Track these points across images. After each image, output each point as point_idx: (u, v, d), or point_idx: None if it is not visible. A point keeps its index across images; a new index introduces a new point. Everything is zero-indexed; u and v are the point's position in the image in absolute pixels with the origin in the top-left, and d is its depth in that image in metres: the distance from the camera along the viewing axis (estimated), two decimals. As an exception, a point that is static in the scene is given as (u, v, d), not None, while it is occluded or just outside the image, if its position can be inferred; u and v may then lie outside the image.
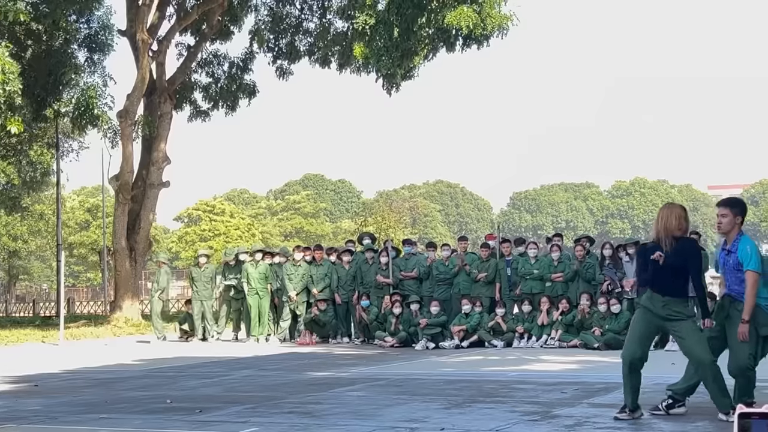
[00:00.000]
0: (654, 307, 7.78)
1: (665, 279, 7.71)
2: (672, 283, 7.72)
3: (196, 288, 20.54)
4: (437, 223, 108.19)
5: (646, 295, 7.91)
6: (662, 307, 7.74)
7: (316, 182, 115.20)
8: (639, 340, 7.84)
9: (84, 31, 29.33)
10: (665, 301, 7.73)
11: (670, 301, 7.72)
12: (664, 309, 7.74)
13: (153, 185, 28.45)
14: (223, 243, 66.47)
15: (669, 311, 7.74)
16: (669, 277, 7.70)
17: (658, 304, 7.76)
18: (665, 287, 7.72)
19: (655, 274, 7.73)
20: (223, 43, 31.70)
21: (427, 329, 16.79)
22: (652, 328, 8.01)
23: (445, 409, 8.54)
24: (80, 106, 26.20)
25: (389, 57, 24.07)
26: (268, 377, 12.10)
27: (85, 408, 9.17)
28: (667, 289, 7.72)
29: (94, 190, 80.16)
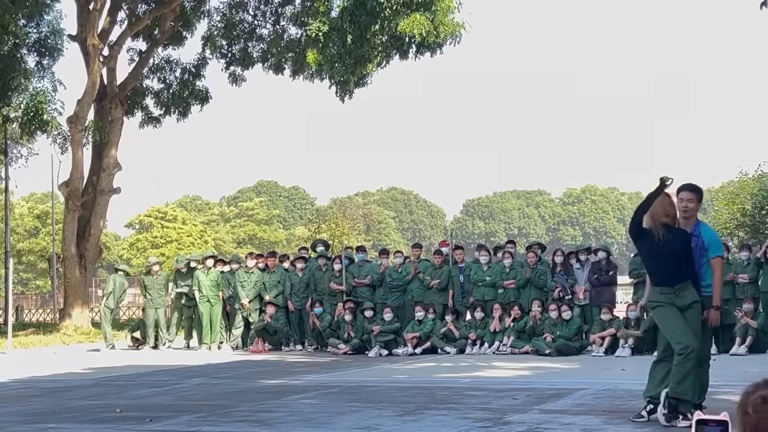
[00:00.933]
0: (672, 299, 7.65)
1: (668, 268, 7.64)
2: (676, 270, 7.64)
3: (149, 296, 20.35)
4: (391, 230, 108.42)
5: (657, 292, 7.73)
6: (678, 297, 7.65)
7: (269, 189, 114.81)
8: (692, 332, 7.58)
9: (34, 35, 29.01)
10: (676, 290, 7.65)
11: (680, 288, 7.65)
12: (680, 299, 7.64)
13: (103, 192, 28.16)
14: (175, 250, 65.91)
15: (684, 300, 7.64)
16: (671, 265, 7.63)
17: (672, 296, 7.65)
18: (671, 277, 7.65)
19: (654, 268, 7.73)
20: (176, 49, 31.55)
21: (381, 336, 16.80)
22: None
23: (398, 416, 8.54)
24: (29, 112, 25.89)
25: (342, 64, 24.13)
26: (219, 385, 12.02)
27: (33, 417, 9.04)
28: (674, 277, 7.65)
29: (44, 197, 79.07)
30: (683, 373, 7.44)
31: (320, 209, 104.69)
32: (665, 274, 7.67)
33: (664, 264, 7.65)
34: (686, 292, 7.63)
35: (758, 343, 15.07)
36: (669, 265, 7.64)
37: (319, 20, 24.09)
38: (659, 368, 7.89)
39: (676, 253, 7.62)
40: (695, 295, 7.64)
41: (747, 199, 39.43)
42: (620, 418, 7.99)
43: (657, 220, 7.68)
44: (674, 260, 7.63)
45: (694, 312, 7.63)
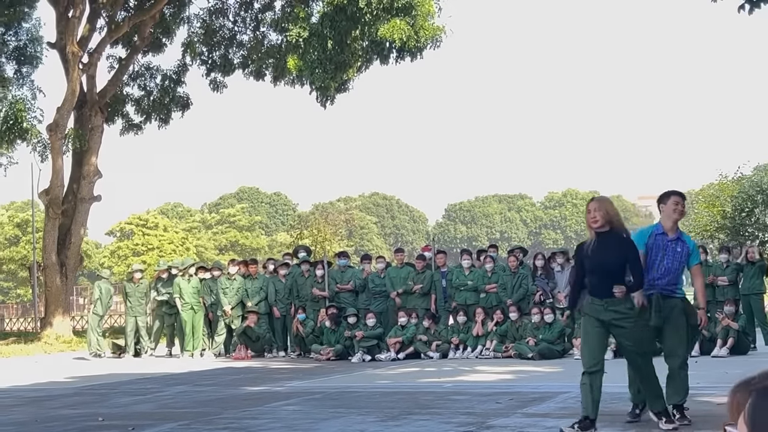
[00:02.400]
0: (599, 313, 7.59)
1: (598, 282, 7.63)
2: (605, 283, 7.57)
3: (130, 303, 20.27)
4: (373, 235, 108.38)
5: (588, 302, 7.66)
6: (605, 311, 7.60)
7: (251, 195, 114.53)
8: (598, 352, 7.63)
9: (12, 43, 28.88)
10: (605, 303, 7.57)
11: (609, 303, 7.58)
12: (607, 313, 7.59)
13: (84, 199, 28.02)
14: (156, 257, 65.65)
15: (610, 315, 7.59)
16: (600, 279, 7.59)
17: (600, 309, 7.56)
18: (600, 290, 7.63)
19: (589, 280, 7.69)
20: (156, 56, 31.45)
21: (364, 342, 16.79)
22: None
23: (382, 421, 8.54)
24: (8, 120, 25.76)
25: (323, 69, 24.14)
26: (202, 393, 11.98)
27: (15, 427, 8.98)
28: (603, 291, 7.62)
29: (24, 205, 78.57)
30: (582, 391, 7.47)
31: (302, 215, 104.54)
32: (595, 287, 7.57)
33: (594, 277, 7.57)
34: (617, 306, 7.45)
35: (739, 344, 15.17)
36: (599, 278, 7.53)
37: (300, 26, 24.09)
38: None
39: (606, 266, 7.46)
40: (625, 311, 7.44)
41: (727, 202, 39.67)
42: (603, 422, 8.02)
43: (590, 232, 7.68)
44: (604, 274, 7.49)
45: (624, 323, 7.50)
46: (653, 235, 8.07)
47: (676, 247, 8.01)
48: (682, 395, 7.92)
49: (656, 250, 8.00)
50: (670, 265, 7.97)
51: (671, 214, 8.05)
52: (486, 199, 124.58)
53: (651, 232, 8.12)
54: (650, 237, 8.06)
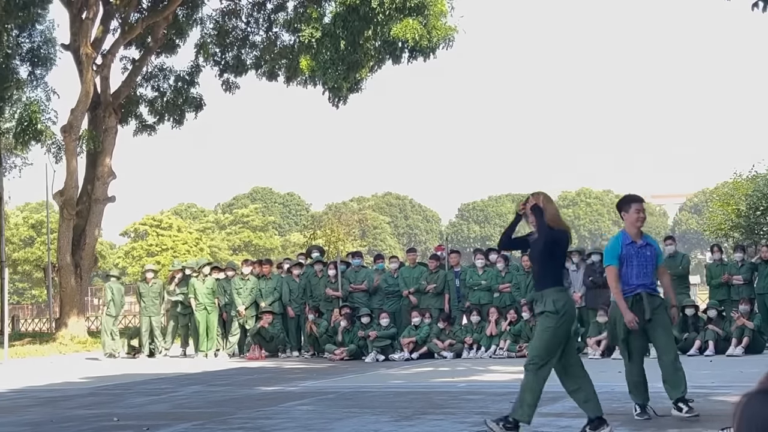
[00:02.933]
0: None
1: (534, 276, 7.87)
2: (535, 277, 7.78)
3: (144, 304, 20.33)
4: (386, 235, 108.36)
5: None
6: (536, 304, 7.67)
7: (264, 195, 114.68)
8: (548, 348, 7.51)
9: (26, 45, 29.00)
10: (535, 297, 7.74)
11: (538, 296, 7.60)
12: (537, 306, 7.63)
13: (98, 200, 28.12)
14: (170, 258, 65.84)
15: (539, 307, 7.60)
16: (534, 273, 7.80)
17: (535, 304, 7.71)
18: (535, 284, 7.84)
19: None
20: (169, 57, 31.51)
21: (377, 342, 16.79)
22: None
23: (395, 421, 8.54)
24: (23, 121, 25.88)
25: (335, 70, 24.15)
26: (216, 393, 12.01)
27: (30, 428, 9.02)
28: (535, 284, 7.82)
29: (39, 206, 78.88)
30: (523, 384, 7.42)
31: (315, 215, 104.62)
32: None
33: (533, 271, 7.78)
34: (542, 300, 7.39)
35: (754, 343, 15.10)
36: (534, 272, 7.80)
37: (312, 26, 24.11)
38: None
39: (534, 260, 7.71)
40: (549, 305, 7.29)
41: (741, 200, 39.46)
42: (617, 421, 8.00)
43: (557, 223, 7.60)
44: (534, 268, 7.76)
45: (541, 320, 7.44)
46: (623, 246, 8.31)
47: (645, 252, 8.30)
48: (683, 388, 8.08)
49: (630, 259, 8.26)
50: (645, 270, 8.25)
51: (635, 222, 8.32)
52: (499, 199, 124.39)
53: (620, 244, 8.33)
54: (622, 248, 8.29)
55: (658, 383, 8.27)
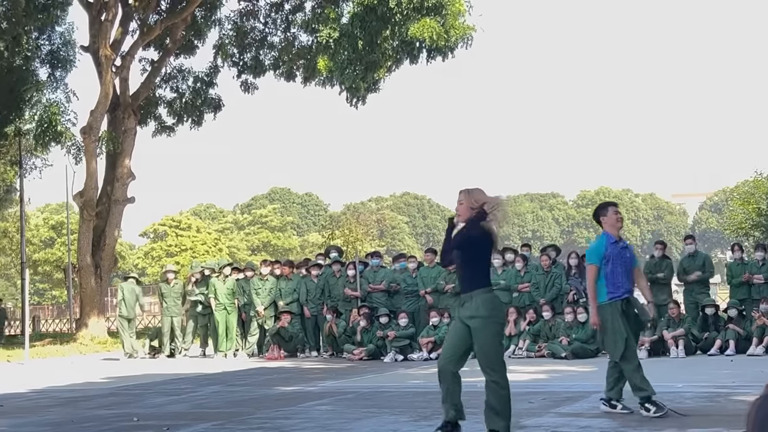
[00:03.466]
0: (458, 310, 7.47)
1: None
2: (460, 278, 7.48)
3: (166, 304, 20.40)
4: (405, 235, 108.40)
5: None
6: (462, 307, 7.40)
7: (282, 196, 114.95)
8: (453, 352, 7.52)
9: (46, 47, 29.18)
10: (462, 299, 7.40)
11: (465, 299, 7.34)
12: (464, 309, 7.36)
13: (118, 201, 28.27)
14: (189, 258, 66.12)
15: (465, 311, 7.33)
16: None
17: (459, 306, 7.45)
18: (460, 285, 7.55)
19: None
20: (188, 58, 31.65)
21: (396, 341, 16.79)
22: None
23: (414, 421, 8.54)
24: (43, 123, 26.03)
25: (353, 70, 24.17)
26: (236, 393, 12.04)
27: (51, 428, 9.07)
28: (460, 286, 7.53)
29: (59, 207, 79.35)
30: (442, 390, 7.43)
31: (333, 215, 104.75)
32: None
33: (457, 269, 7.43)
34: (469, 303, 7.13)
35: (775, 343, 14.99)
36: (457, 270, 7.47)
37: (330, 27, 24.14)
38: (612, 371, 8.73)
39: (456, 264, 7.38)
40: (478, 310, 7.07)
41: (762, 199, 39.20)
42: (636, 420, 7.98)
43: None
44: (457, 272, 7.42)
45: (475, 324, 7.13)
46: (608, 245, 8.60)
47: (625, 254, 8.65)
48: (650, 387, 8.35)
49: (615, 259, 8.54)
50: (627, 271, 8.59)
51: (615, 223, 8.72)
52: (518, 198, 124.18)
53: (605, 243, 8.63)
54: (607, 248, 8.57)
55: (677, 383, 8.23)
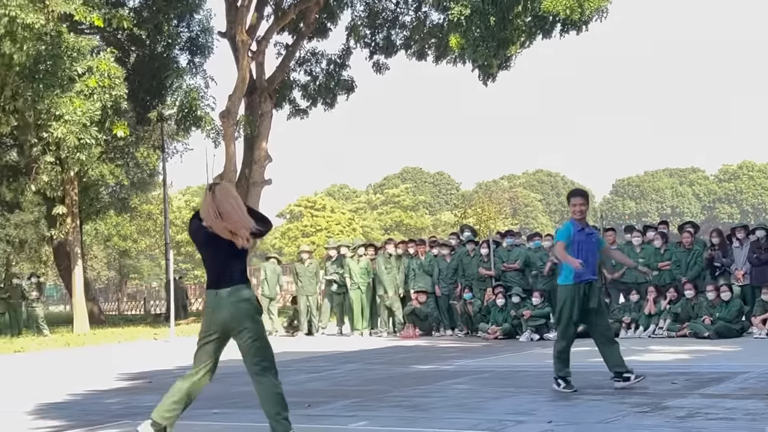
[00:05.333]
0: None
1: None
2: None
3: (301, 283, 20.82)
4: (538, 213, 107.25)
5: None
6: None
7: (414, 175, 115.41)
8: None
9: (185, 34, 30.02)
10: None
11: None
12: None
13: (256, 183, 28.95)
14: (324, 238, 67.19)
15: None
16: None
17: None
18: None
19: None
20: (321, 41, 32.07)
21: (531, 321, 16.67)
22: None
23: (552, 401, 8.47)
24: (183, 108, 26.84)
25: (485, 47, 23.94)
26: (373, 371, 12.20)
27: (197, 403, 9.35)
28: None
29: (199, 190, 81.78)
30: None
31: (466, 194, 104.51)
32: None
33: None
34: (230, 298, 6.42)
35: None
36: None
37: (461, 4, 23.96)
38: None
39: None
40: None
41: None
42: None
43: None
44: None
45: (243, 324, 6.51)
46: (574, 231, 9.22)
47: (591, 239, 9.29)
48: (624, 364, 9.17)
49: (581, 245, 9.16)
50: (593, 258, 9.33)
51: (576, 214, 9.29)
52: (656, 174, 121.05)
53: (572, 230, 9.24)
54: (574, 234, 9.20)
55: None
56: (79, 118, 21.88)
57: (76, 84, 22.48)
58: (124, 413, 8.84)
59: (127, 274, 70.90)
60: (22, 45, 20.03)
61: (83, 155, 22.69)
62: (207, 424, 7.93)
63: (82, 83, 22.51)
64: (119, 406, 9.50)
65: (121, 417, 8.56)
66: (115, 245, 63.86)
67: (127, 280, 71.65)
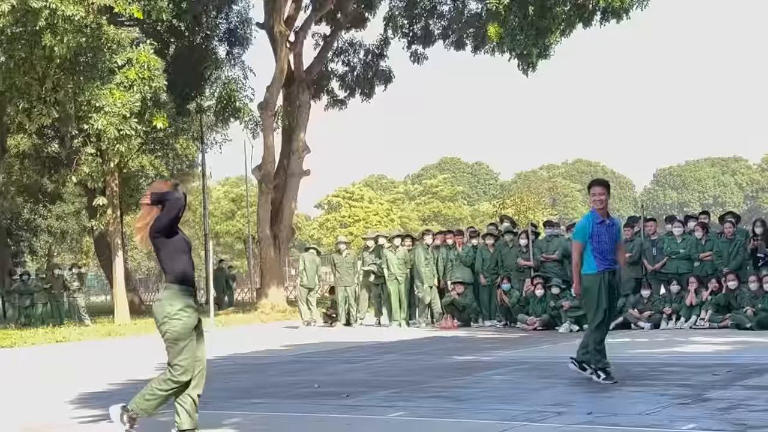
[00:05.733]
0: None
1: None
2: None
3: (339, 274, 20.86)
4: (578, 203, 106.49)
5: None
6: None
7: (452, 165, 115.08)
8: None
9: (224, 25, 30.15)
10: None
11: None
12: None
13: (294, 174, 29.05)
14: (362, 229, 67.28)
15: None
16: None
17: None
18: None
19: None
20: (359, 31, 32.05)
21: (571, 312, 16.55)
22: None
23: (592, 392, 8.41)
24: (222, 100, 26.99)
25: (524, 36, 23.77)
26: (412, 361, 12.19)
27: (237, 393, 9.45)
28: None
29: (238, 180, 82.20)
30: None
31: (504, 184, 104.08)
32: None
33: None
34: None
35: None
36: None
37: (500, -7, 23.80)
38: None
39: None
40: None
41: None
42: None
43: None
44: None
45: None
46: (593, 224, 9.37)
47: (612, 230, 9.41)
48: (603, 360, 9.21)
49: (600, 236, 9.31)
50: (611, 246, 9.34)
51: (597, 204, 9.49)
52: (697, 163, 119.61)
53: (592, 222, 9.41)
54: (593, 227, 9.35)
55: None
56: (119, 109, 22.07)
57: (116, 76, 22.67)
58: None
59: (167, 265, 71.38)
60: (63, 37, 20.21)
61: (123, 147, 22.89)
62: (246, 414, 7.96)
63: (122, 75, 22.69)
64: (160, 395, 9.56)
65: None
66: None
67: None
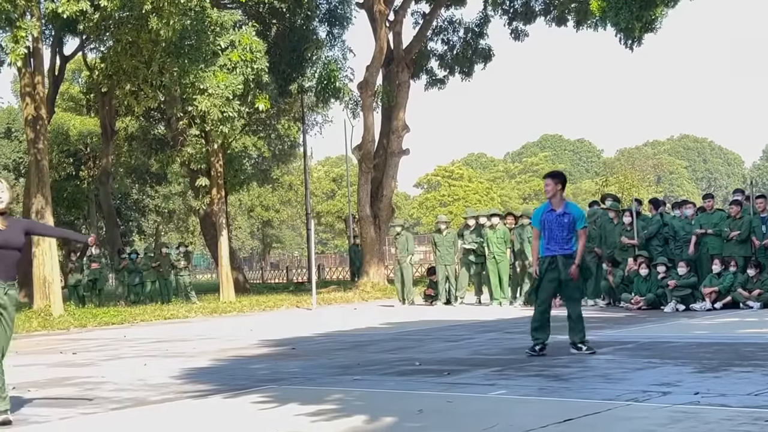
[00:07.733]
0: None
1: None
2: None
3: (439, 253, 20.87)
4: (684, 180, 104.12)
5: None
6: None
7: (554, 143, 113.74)
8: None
9: (324, 6, 30.34)
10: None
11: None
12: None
13: (394, 153, 29.12)
14: (462, 208, 67.13)
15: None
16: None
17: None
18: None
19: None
20: (458, 9, 31.86)
21: (677, 291, 16.21)
22: None
23: (699, 372, 8.22)
24: (323, 80, 27.19)
25: (628, 9, 23.24)
26: (512, 340, 12.12)
27: (339, 370, 9.56)
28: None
29: (338, 160, 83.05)
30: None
31: (607, 161, 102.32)
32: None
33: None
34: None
35: None
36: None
37: (602, -33, 23.30)
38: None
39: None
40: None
41: None
42: None
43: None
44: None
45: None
46: (544, 213, 10.13)
47: (563, 219, 9.98)
48: (583, 333, 10.12)
49: (548, 224, 10.03)
50: (561, 234, 9.98)
51: (547, 194, 10.21)
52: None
53: (542, 211, 10.20)
54: (542, 215, 10.12)
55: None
56: (223, 91, 22.46)
57: (220, 58, 23.06)
58: (270, 378, 9.07)
59: (269, 244, 72.75)
60: (169, 20, 20.62)
61: (226, 128, 23.30)
62: (348, 390, 8.04)
63: (225, 57, 23.07)
64: (265, 371, 9.76)
65: (267, 382, 8.78)
66: (258, 215, 65.50)
67: (270, 249, 73.50)
